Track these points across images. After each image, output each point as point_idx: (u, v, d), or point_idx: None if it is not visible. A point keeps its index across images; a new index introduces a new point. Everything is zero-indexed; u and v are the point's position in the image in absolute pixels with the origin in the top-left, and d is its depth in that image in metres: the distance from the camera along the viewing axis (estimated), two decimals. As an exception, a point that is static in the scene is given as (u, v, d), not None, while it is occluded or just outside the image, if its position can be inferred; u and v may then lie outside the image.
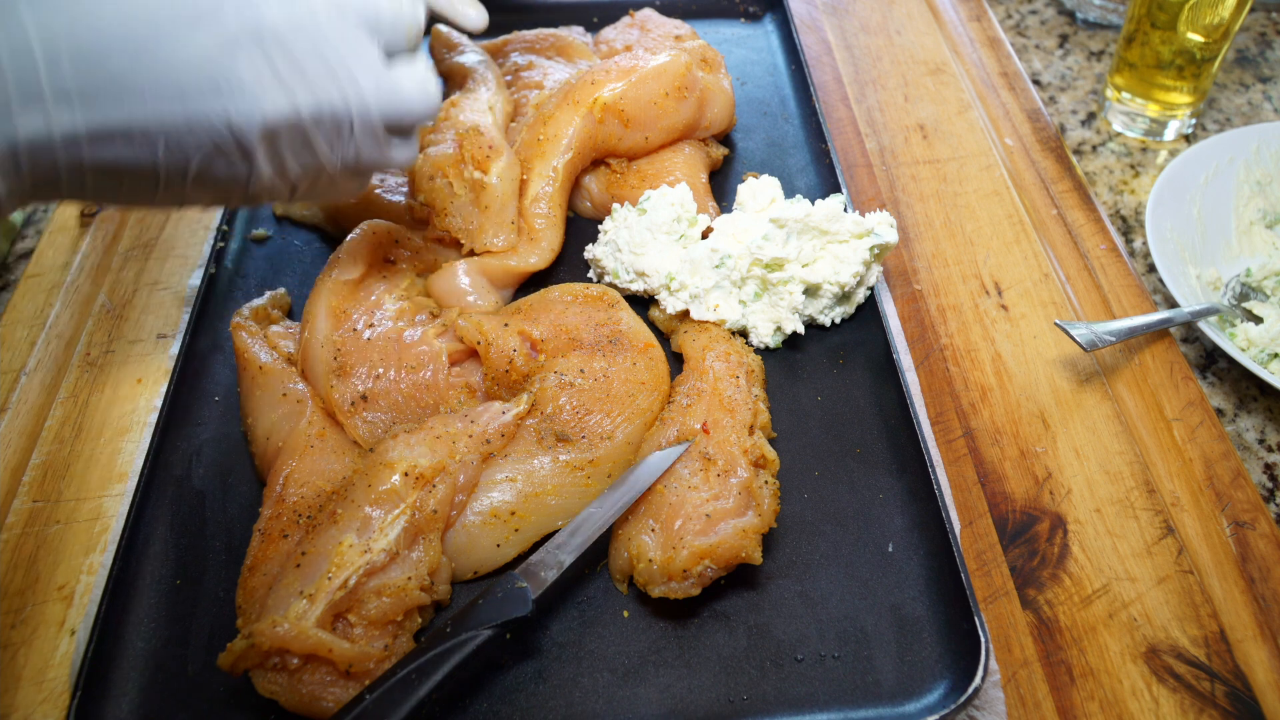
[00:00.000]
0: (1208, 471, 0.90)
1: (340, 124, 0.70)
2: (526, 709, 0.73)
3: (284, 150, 0.69)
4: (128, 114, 0.62)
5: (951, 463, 0.91)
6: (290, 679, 0.70)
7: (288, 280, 1.05)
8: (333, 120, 0.69)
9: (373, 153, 0.74)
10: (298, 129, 0.68)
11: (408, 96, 0.73)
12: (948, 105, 1.31)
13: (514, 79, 1.18)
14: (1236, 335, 1.02)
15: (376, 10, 0.71)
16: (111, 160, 0.64)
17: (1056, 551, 0.84)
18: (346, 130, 0.71)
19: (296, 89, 0.67)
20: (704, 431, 0.83)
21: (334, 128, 0.70)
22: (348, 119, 0.70)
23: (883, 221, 0.99)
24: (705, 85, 1.12)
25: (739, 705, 0.73)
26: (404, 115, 0.74)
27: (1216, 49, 1.18)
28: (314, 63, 0.67)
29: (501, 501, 0.80)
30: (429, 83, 0.75)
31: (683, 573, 0.74)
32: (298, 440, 0.83)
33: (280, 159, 0.70)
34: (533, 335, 0.90)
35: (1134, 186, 1.23)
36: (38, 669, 0.77)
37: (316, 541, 0.75)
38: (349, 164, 0.74)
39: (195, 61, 0.63)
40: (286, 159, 0.70)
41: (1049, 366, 0.99)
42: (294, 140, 0.69)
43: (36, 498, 0.88)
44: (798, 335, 0.98)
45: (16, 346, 1.02)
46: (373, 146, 0.74)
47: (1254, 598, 0.82)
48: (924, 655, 0.76)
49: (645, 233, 0.99)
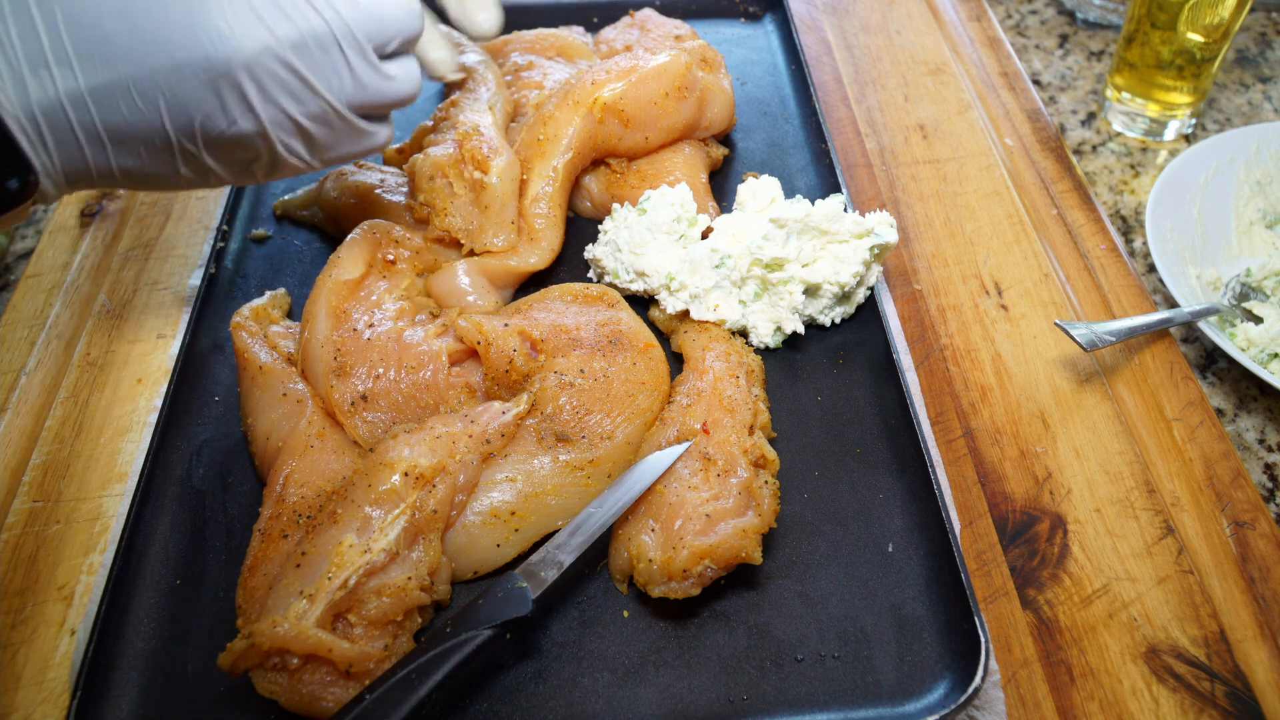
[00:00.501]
0: (1208, 471, 0.90)
1: (326, 49, 0.71)
2: (526, 709, 0.73)
3: (276, 90, 0.70)
4: (122, 72, 0.66)
5: (951, 463, 0.91)
6: (290, 679, 0.70)
7: (288, 280, 1.05)
8: (318, 46, 0.70)
9: (372, 80, 0.75)
10: (283, 61, 0.69)
11: (388, 8, 0.73)
12: (948, 105, 1.31)
13: (514, 79, 1.18)
14: (1236, 335, 1.02)
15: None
16: (121, 124, 0.68)
17: (1056, 551, 0.84)
18: (336, 56, 0.71)
19: (274, 22, 0.68)
20: (704, 431, 0.83)
21: (321, 55, 0.70)
22: (332, 42, 0.71)
23: (883, 221, 0.99)
24: (705, 85, 1.12)
25: (739, 705, 0.73)
26: (389, 31, 0.74)
27: (1216, 49, 1.18)
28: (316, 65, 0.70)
29: (501, 501, 0.80)
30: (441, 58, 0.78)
31: (683, 573, 0.74)
32: (298, 440, 0.83)
33: (277, 101, 0.70)
34: (533, 335, 0.90)
35: (1134, 186, 1.23)
36: (38, 669, 0.77)
37: (316, 541, 0.75)
38: (351, 99, 0.74)
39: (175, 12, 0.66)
40: (283, 101, 0.71)
41: (1049, 366, 0.99)
42: (284, 74, 0.70)
43: (36, 498, 0.88)
44: (798, 335, 0.98)
45: (16, 346, 1.02)
46: (369, 72, 0.74)
47: (1254, 598, 0.82)
48: (924, 655, 0.76)
49: (645, 233, 0.99)
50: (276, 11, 0.68)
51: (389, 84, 0.76)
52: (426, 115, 1.25)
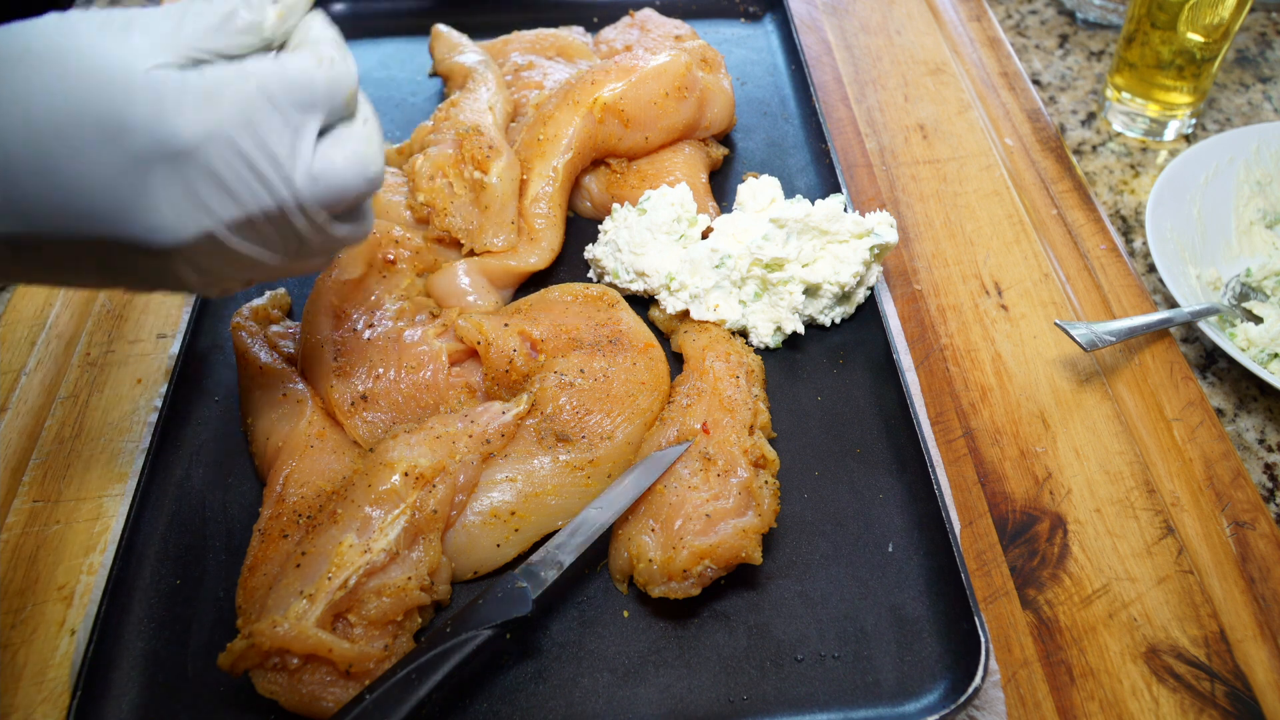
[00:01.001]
0: (1208, 471, 0.90)
1: (274, 222, 0.63)
2: (526, 709, 0.73)
3: (211, 263, 0.63)
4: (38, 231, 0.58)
5: (951, 463, 0.91)
6: (290, 679, 0.70)
7: (288, 280, 1.05)
8: (265, 222, 0.63)
9: (318, 240, 0.67)
10: (220, 244, 0.62)
11: (342, 178, 0.64)
12: (948, 105, 1.31)
13: (514, 79, 1.18)
14: (1236, 335, 1.02)
15: (310, 84, 0.62)
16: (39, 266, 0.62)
17: (1056, 551, 0.84)
18: (286, 229, 0.64)
19: (216, 205, 0.60)
20: (704, 431, 0.83)
21: (269, 229, 0.63)
22: (281, 219, 0.63)
23: (883, 221, 0.99)
24: (705, 85, 1.12)
25: (739, 705, 0.73)
26: (341, 200, 0.66)
27: (1216, 49, 1.18)
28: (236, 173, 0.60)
29: (501, 501, 0.80)
30: (368, 150, 0.66)
31: (683, 573, 0.74)
32: (298, 440, 0.83)
33: (208, 272, 0.64)
34: (533, 335, 0.90)
35: (1134, 186, 1.23)
36: (38, 669, 0.77)
37: (316, 541, 0.75)
38: (294, 256, 0.67)
39: (102, 184, 0.57)
40: (218, 269, 0.64)
41: (1049, 366, 0.99)
42: (221, 253, 0.63)
43: (36, 498, 0.88)
44: (798, 335, 0.98)
45: (16, 346, 1.02)
46: (316, 234, 0.66)
47: (1254, 598, 0.82)
48: (924, 655, 0.76)
49: (645, 233, 0.99)
50: (219, 195, 0.59)
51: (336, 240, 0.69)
52: (426, 115, 1.25)
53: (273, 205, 0.62)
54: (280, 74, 0.61)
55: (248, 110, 0.59)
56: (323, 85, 0.62)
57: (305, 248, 0.67)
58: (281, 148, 0.61)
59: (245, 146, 0.59)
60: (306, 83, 0.62)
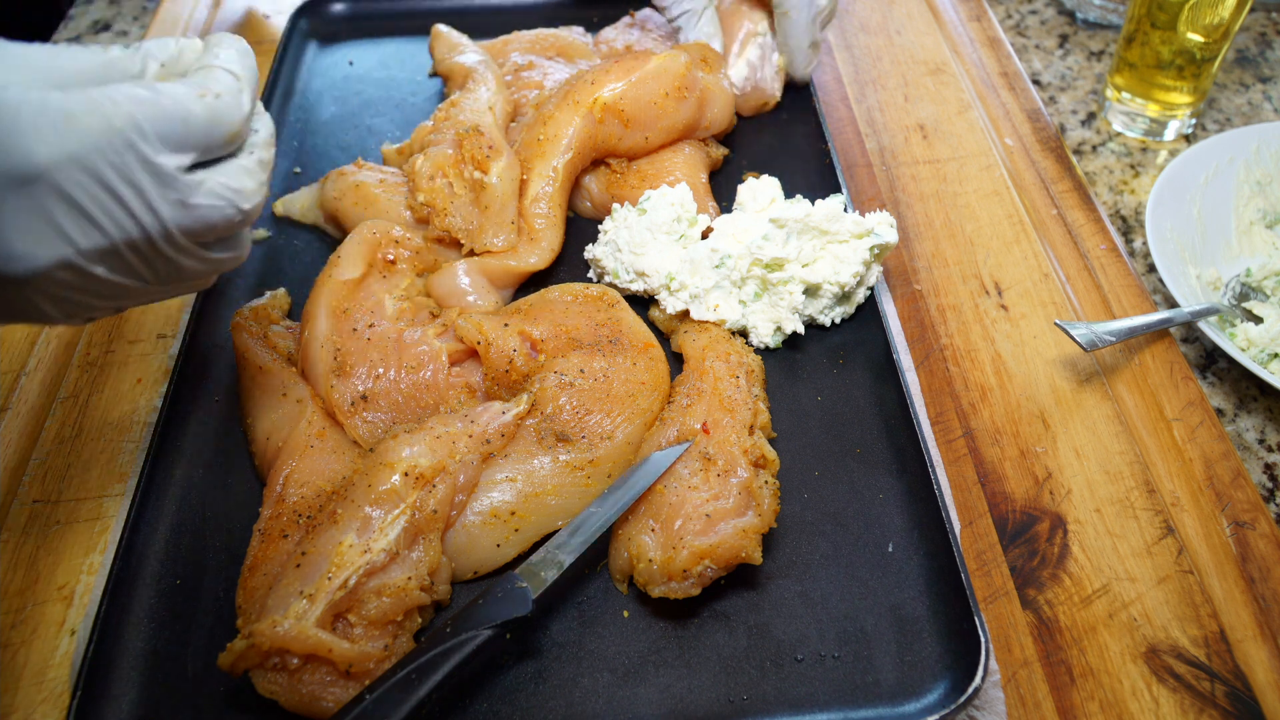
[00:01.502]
0: (1208, 471, 0.90)
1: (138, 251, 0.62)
2: (526, 709, 0.73)
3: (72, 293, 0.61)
4: None
5: (951, 463, 0.91)
6: (290, 679, 0.70)
7: (288, 280, 1.05)
8: (130, 251, 0.61)
9: (192, 264, 0.66)
10: (82, 272, 0.60)
11: (215, 209, 0.63)
12: (948, 105, 1.31)
13: (514, 79, 1.18)
14: (1236, 335, 1.02)
15: (185, 116, 0.60)
16: None
17: (1056, 551, 0.84)
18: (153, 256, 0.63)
19: (74, 233, 0.58)
20: (704, 431, 0.83)
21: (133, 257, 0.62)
22: (148, 247, 0.62)
23: (883, 221, 0.99)
24: (705, 85, 1.12)
25: (739, 705, 0.73)
26: (212, 231, 0.64)
27: (1216, 49, 1.18)
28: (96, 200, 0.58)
29: (501, 501, 0.80)
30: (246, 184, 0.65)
31: (683, 573, 0.74)
32: (298, 440, 0.83)
33: (70, 301, 0.62)
34: (533, 335, 0.90)
35: (1134, 186, 1.23)
36: (38, 669, 0.77)
37: (316, 541, 0.75)
38: (167, 281, 0.66)
39: None
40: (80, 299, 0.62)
41: (1049, 366, 0.99)
42: (84, 282, 0.61)
43: (36, 498, 0.88)
44: (798, 335, 0.98)
45: (16, 346, 1.02)
46: (190, 260, 0.65)
47: (1254, 598, 0.82)
48: (924, 655, 0.76)
49: (645, 233, 0.99)
50: (82, 222, 0.58)
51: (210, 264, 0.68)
52: (426, 115, 1.25)
53: (137, 234, 0.60)
54: (153, 102, 0.59)
55: (111, 136, 0.57)
56: (200, 119, 0.61)
57: (180, 272, 0.66)
58: (145, 177, 0.59)
59: (106, 174, 0.57)
60: (181, 115, 0.60)
